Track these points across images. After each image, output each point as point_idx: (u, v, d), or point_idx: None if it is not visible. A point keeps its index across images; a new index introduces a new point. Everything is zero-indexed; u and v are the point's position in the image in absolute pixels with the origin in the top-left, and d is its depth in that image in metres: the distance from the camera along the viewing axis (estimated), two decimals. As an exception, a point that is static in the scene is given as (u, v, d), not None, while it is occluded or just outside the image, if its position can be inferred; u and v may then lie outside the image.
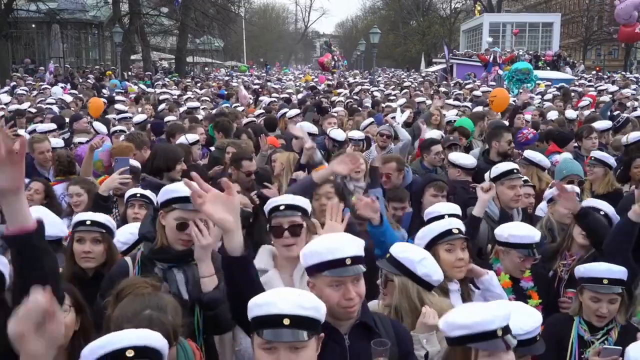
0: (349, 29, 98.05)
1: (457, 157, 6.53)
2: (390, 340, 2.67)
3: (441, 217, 4.10)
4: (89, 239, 3.80)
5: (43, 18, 38.36)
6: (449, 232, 3.66)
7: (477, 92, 17.58)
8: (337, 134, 7.97)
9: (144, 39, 41.35)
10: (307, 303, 2.23)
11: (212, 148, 8.19)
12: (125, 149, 6.28)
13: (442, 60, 42.39)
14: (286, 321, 2.16)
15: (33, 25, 40.78)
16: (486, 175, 5.33)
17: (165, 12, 40.40)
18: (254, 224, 4.83)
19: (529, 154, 6.54)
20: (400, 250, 3.20)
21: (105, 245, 3.84)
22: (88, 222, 3.84)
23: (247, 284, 2.60)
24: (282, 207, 3.46)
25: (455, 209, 4.38)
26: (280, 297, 2.24)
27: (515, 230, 4.07)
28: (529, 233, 4.05)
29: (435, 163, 7.04)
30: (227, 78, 35.38)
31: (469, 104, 13.96)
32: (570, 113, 11.25)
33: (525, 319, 2.70)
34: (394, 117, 8.28)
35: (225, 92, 20.57)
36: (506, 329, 2.42)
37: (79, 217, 3.95)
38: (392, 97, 16.38)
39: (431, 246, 3.60)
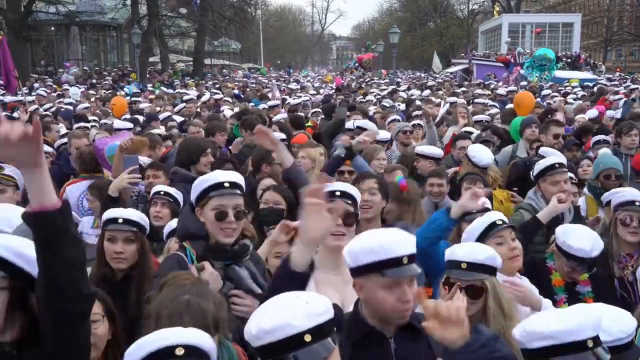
0: (365, 31, 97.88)
1: (423, 148, 6.62)
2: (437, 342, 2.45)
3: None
4: (121, 239, 3.58)
5: (62, 20, 38.61)
6: (494, 225, 3.47)
7: (500, 91, 17.26)
8: (365, 123, 7.86)
9: (162, 41, 41.47)
10: (319, 307, 1.92)
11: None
12: (138, 144, 6.11)
13: (461, 61, 42.09)
14: (307, 338, 1.85)
15: (52, 28, 41.04)
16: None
17: (184, 13, 40.44)
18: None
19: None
20: (475, 252, 2.98)
21: (138, 245, 3.63)
22: (120, 220, 3.61)
23: None
24: (337, 193, 3.24)
25: (487, 202, 4.16)
26: (290, 312, 1.88)
27: (572, 240, 3.68)
28: (585, 247, 3.63)
29: (462, 157, 6.79)
30: (245, 80, 35.33)
31: (495, 104, 13.69)
32: (591, 112, 10.94)
33: (614, 321, 2.38)
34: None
35: (242, 94, 20.45)
36: (597, 341, 2.11)
37: (110, 213, 3.71)
38: (413, 97, 16.12)
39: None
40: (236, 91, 22.48)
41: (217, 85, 27.73)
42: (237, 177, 3.05)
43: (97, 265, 3.61)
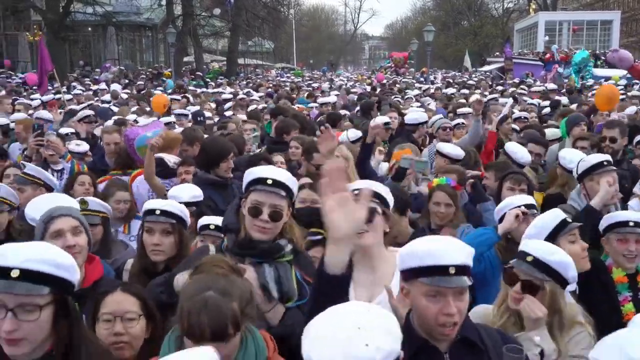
0: (398, 31, 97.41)
1: (444, 146, 6.31)
2: (499, 357, 2.32)
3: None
4: (159, 230, 3.50)
5: (99, 21, 39.29)
6: (565, 223, 3.33)
7: (539, 89, 16.94)
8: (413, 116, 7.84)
9: (197, 41, 41.85)
10: (383, 347, 1.69)
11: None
12: (169, 142, 6.06)
13: (496, 60, 41.54)
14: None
15: (89, 29, 41.75)
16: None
17: (218, 13, 40.74)
18: None
19: (508, 147, 6.21)
20: (548, 251, 2.82)
21: (176, 237, 3.54)
22: (157, 212, 3.53)
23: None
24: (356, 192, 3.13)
25: (530, 200, 4.03)
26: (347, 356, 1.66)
27: (611, 215, 3.75)
28: (625, 213, 3.71)
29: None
30: (278, 79, 35.43)
31: (534, 102, 13.43)
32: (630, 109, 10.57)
33: None
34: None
35: (275, 93, 20.49)
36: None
37: (148, 204, 3.65)
38: (453, 95, 15.93)
39: (550, 241, 3.20)
40: (270, 90, 22.57)
41: (250, 85, 27.83)
42: (285, 177, 2.93)
43: (138, 257, 3.59)
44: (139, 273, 3.50)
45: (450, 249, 2.25)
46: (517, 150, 6.09)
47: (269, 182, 2.85)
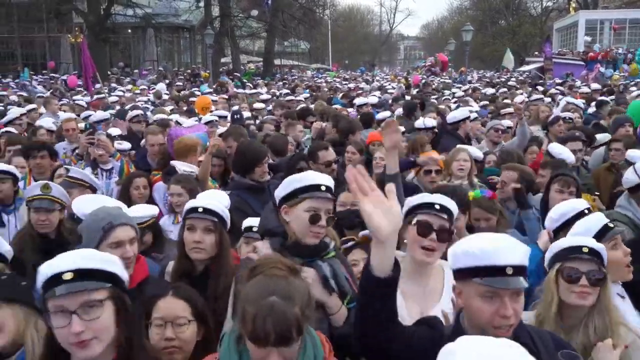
0: (434, 31, 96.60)
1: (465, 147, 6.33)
2: (551, 358, 2.27)
3: (581, 213, 3.68)
4: (200, 228, 3.50)
5: (138, 23, 39.94)
6: (608, 227, 3.24)
7: (586, 89, 16.59)
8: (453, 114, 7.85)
9: (234, 42, 42.21)
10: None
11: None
12: (189, 148, 6.07)
13: (535, 60, 40.87)
14: None
15: (129, 30, 42.48)
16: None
17: (255, 14, 41.02)
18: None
19: (552, 148, 6.15)
20: (598, 244, 2.81)
21: (217, 236, 3.53)
22: (200, 209, 3.54)
23: (387, 312, 2.19)
24: (437, 207, 3.09)
25: (584, 203, 3.94)
26: None
27: None
28: None
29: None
30: (314, 80, 35.50)
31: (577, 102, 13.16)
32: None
33: None
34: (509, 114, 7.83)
35: (312, 93, 20.54)
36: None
37: (191, 203, 3.68)
38: (497, 95, 15.72)
39: None
40: (307, 90, 22.67)
41: (286, 85, 27.95)
42: (331, 182, 2.97)
43: (179, 258, 3.58)
44: (178, 275, 3.51)
45: (507, 249, 2.19)
46: (562, 151, 6.01)
47: (323, 188, 2.88)
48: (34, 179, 6.04)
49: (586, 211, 3.69)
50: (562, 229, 3.69)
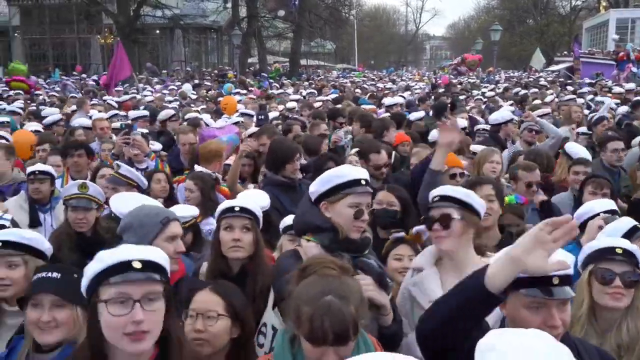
0: (460, 30, 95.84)
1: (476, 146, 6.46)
2: None
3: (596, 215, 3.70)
4: (238, 226, 3.51)
5: (167, 24, 40.34)
6: (636, 229, 3.24)
7: (619, 90, 16.33)
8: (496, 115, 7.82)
9: (261, 42, 42.41)
10: None
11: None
12: (209, 154, 6.09)
13: (564, 59, 40.32)
14: None
15: (157, 31, 42.92)
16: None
17: (282, 15, 41.17)
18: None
19: (569, 147, 6.16)
20: (630, 244, 2.78)
21: (254, 235, 3.55)
22: (237, 209, 3.56)
23: (477, 323, 2.09)
24: (436, 199, 3.17)
25: (611, 205, 3.90)
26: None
27: None
28: None
29: (614, 162, 6.37)
30: (340, 80, 35.48)
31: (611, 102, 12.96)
32: None
33: None
34: (544, 115, 7.74)
35: (339, 93, 20.51)
36: None
37: (226, 203, 3.71)
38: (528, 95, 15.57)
39: None
40: (334, 90, 22.66)
41: (313, 86, 27.98)
42: (367, 175, 3.01)
43: (214, 258, 3.58)
44: (214, 276, 3.49)
45: (553, 259, 2.12)
46: (579, 150, 6.02)
47: (363, 182, 2.91)
48: (72, 177, 6.17)
49: (602, 215, 3.67)
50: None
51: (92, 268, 2.09)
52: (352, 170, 2.98)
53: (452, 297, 2.14)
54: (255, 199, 4.40)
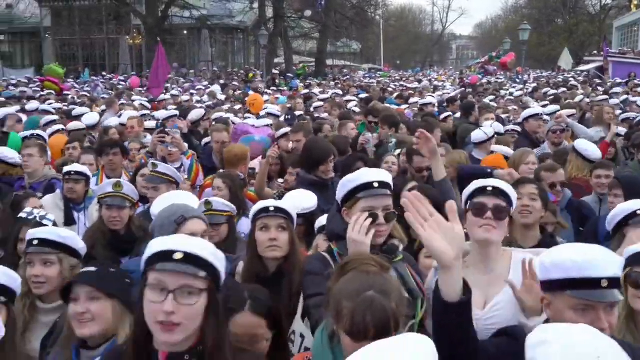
0: (487, 30, 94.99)
1: (501, 148, 6.49)
2: None
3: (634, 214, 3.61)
4: (274, 226, 3.51)
5: (194, 24, 40.66)
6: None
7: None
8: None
9: (287, 42, 42.51)
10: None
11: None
12: (234, 158, 6.10)
13: (594, 59, 39.72)
14: None
15: (185, 32, 43.27)
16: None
17: (309, 15, 41.21)
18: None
19: (578, 144, 6.13)
20: None
21: (289, 234, 3.55)
22: (272, 209, 3.56)
23: (461, 335, 2.15)
24: (489, 189, 3.04)
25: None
26: None
27: None
28: None
29: None
30: (366, 80, 35.44)
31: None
32: None
33: None
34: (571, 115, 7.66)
35: (366, 93, 20.48)
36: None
37: (260, 204, 3.70)
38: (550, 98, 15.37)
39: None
40: (360, 90, 22.63)
41: (339, 85, 27.97)
42: (386, 176, 2.93)
43: (250, 259, 3.58)
44: (250, 278, 3.49)
45: (602, 261, 2.12)
46: (587, 147, 6.02)
47: (376, 185, 2.83)
48: (106, 176, 6.26)
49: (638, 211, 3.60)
50: (617, 231, 3.64)
51: (145, 253, 2.11)
52: (365, 173, 2.90)
53: (435, 324, 2.23)
54: (302, 199, 4.47)
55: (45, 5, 43.87)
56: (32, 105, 12.84)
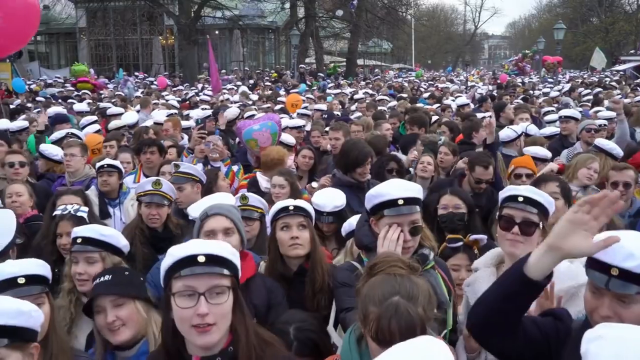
0: (520, 29, 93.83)
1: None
2: None
3: None
4: (295, 224, 3.56)
5: (226, 24, 40.93)
6: None
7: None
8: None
9: (319, 42, 42.55)
10: None
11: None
12: (270, 162, 6.09)
13: (631, 58, 38.93)
14: None
15: (217, 32, 43.59)
16: None
17: (341, 14, 41.18)
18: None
19: (599, 141, 6.13)
20: None
21: (310, 232, 3.60)
22: (291, 208, 3.61)
23: (518, 314, 2.17)
24: (520, 199, 2.98)
25: None
26: None
27: None
28: None
29: None
30: (397, 80, 35.30)
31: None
32: None
33: None
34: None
35: (396, 93, 20.42)
36: None
37: (280, 203, 3.73)
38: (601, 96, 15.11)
39: None
40: (390, 90, 22.58)
41: (369, 86, 27.92)
42: (414, 191, 2.86)
43: (272, 260, 3.62)
44: (272, 276, 3.53)
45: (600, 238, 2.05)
46: (608, 144, 6.12)
47: (401, 202, 2.79)
48: (144, 174, 6.37)
49: None
50: None
51: (165, 263, 2.16)
52: (390, 189, 2.85)
53: (497, 287, 2.22)
54: (332, 197, 4.50)
55: (80, 7, 44.62)
56: (81, 107, 13.06)
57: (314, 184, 6.01)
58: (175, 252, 2.14)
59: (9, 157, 6.18)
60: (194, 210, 4.00)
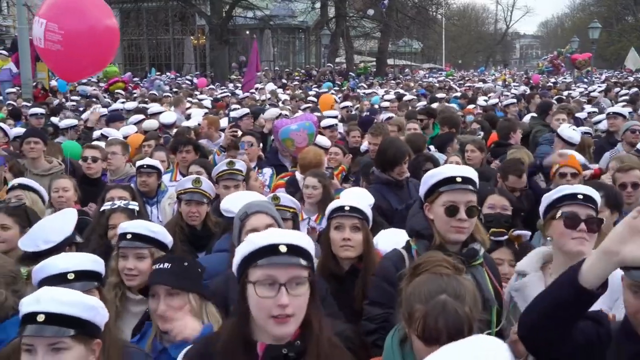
0: (553, 28, 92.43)
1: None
2: None
3: None
4: (348, 226, 3.56)
5: (257, 24, 41.16)
6: None
7: None
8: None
9: (349, 42, 42.54)
10: None
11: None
12: (308, 165, 6.01)
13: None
14: None
15: (247, 32, 43.85)
16: None
17: (372, 14, 41.09)
18: None
19: None
20: None
21: (364, 234, 3.58)
22: (347, 208, 3.60)
23: (575, 318, 2.10)
24: (580, 197, 2.93)
25: None
26: None
27: None
28: None
29: None
30: (427, 80, 35.11)
31: None
32: None
33: None
34: None
35: (427, 93, 20.31)
36: None
37: (335, 203, 3.74)
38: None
39: None
40: (422, 90, 22.47)
41: (400, 85, 27.81)
42: (470, 172, 2.89)
43: (324, 257, 3.62)
44: (324, 275, 3.51)
45: None
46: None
47: (459, 179, 2.81)
48: (181, 172, 6.44)
49: None
50: None
51: (242, 249, 2.14)
52: (448, 168, 2.90)
53: (548, 294, 2.15)
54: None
55: (114, 7, 45.20)
56: (129, 105, 13.25)
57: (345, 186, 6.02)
58: (255, 240, 2.11)
59: (86, 152, 6.30)
60: (228, 203, 4.03)
